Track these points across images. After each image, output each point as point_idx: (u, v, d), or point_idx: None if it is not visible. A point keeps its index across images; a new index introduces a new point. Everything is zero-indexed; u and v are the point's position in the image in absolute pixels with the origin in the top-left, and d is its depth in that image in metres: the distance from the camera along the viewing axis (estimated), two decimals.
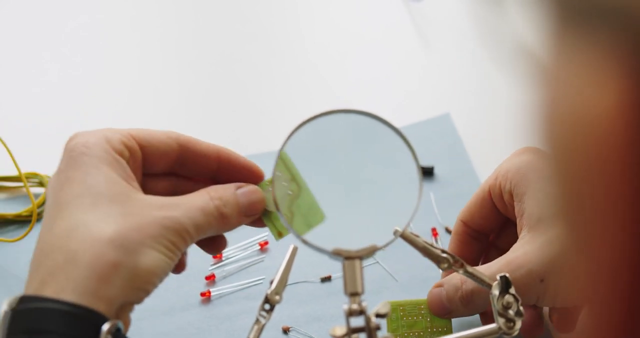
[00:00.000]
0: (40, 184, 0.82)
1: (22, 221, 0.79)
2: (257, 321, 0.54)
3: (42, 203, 0.80)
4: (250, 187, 0.55)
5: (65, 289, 0.47)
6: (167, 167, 0.56)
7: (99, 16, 1.05)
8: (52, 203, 0.50)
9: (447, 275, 0.64)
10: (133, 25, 1.04)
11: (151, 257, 0.49)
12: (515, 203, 0.62)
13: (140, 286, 0.49)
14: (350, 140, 0.60)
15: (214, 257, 0.75)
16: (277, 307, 0.54)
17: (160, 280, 0.51)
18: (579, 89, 0.25)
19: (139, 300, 0.50)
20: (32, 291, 0.47)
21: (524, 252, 0.59)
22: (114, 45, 1.01)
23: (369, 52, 0.99)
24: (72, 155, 0.51)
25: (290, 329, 0.69)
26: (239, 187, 0.55)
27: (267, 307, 0.54)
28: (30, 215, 0.77)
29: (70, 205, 0.50)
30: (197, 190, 0.54)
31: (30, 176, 0.82)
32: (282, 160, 0.56)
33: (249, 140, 0.88)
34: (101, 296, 0.47)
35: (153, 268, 0.49)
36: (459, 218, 0.67)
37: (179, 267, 0.55)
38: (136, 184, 0.53)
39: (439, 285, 0.63)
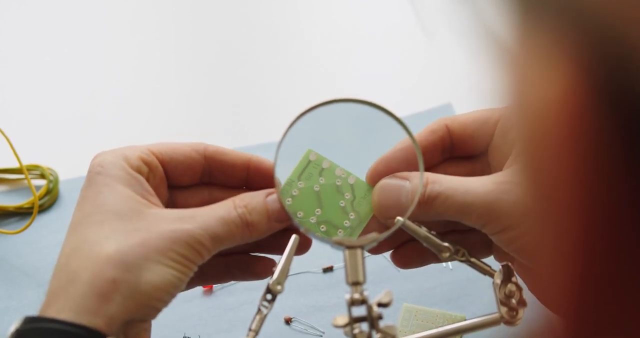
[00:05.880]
0: (42, 176, 0.82)
1: (23, 213, 0.79)
2: (259, 311, 0.54)
3: (44, 196, 0.80)
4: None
5: (64, 308, 0.47)
6: (194, 179, 0.56)
7: (101, 9, 1.05)
8: (70, 224, 0.52)
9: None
10: (134, 17, 1.04)
11: (156, 272, 0.49)
12: None
13: (145, 302, 0.49)
14: (351, 130, 0.59)
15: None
16: (279, 298, 0.54)
17: (171, 295, 0.50)
18: (536, 76, 0.26)
19: (148, 317, 0.50)
20: (40, 311, 0.48)
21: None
22: (116, 38, 1.01)
23: (371, 42, 0.99)
24: (89, 176, 0.53)
25: (293, 319, 0.69)
26: (269, 194, 0.54)
27: (269, 297, 0.54)
28: (32, 207, 0.77)
29: (80, 224, 0.51)
30: (225, 200, 0.54)
31: (32, 168, 0.82)
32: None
33: (252, 131, 0.88)
34: (101, 314, 0.47)
35: (159, 284, 0.49)
36: (444, 121, 0.58)
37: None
38: (155, 199, 0.53)
39: (403, 177, 0.56)
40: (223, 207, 0.53)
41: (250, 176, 0.56)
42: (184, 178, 0.56)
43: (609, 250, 0.25)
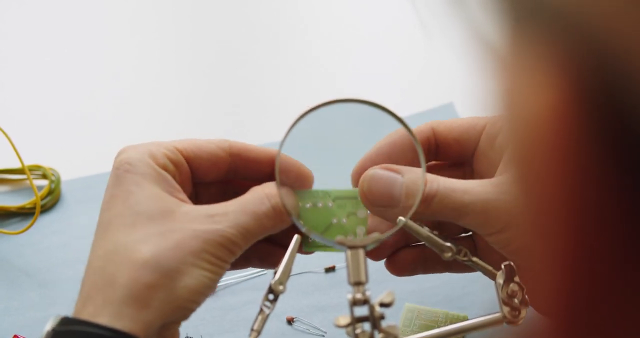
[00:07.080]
0: (44, 176, 0.82)
1: (25, 213, 0.79)
2: (261, 311, 0.54)
3: (46, 196, 0.80)
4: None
5: (102, 312, 0.47)
6: (219, 176, 0.56)
7: (101, 9, 1.05)
8: (98, 223, 0.51)
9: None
10: (134, 17, 1.04)
11: (193, 276, 0.49)
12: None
13: (181, 305, 0.49)
14: (353, 130, 0.60)
15: None
16: (281, 298, 0.54)
17: (205, 296, 0.51)
18: (526, 84, 0.26)
19: (183, 319, 0.51)
20: (74, 312, 0.48)
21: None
22: (116, 38, 1.01)
23: (371, 42, 0.99)
24: (117, 173, 0.52)
25: (295, 319, 0.69)
26: None
27: (271, 297, 0.54)
28: (34, 208, 0.77)
29: (112, 225, 0.50)
30: (253, 189, 0.54)
31: (34, 168, 0.82)
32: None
33: (252, 131, 0.88)
34: (138, 320, 0.47)
35: (194, 287, 0.49)
36: (430, 124, 0.59)
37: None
38: (183, 196, 0.53)
39: (394, 170, 0.55)
40: (254, 201, 0.53)
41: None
42: (209, 175, 0.55)
43: (599, 251, 0.26)
